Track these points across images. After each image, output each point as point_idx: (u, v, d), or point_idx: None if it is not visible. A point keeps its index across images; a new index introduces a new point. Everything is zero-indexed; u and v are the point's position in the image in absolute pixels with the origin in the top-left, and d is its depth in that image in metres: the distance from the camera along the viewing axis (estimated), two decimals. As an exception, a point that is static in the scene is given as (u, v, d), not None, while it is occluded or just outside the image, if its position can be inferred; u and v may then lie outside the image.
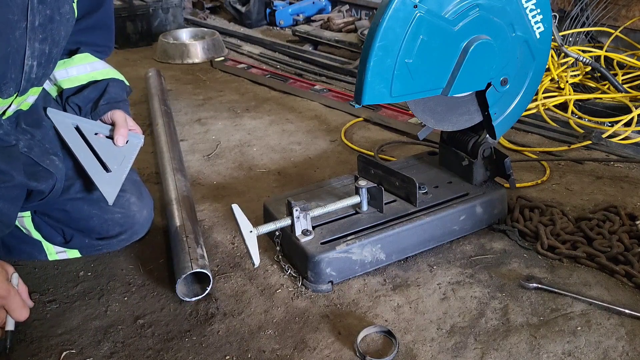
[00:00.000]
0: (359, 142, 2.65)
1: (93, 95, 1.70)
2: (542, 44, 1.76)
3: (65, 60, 1.68)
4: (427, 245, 1.80)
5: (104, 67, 1.76)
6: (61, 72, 1.68)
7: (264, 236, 1.72)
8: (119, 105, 1.72)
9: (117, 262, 1.81)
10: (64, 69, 1.68)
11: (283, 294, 1.65)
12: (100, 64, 1.76)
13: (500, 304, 1.58)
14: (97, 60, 1.75)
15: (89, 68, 1.72)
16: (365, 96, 1.56)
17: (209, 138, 2.77)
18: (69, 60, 1.69)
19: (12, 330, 1.38)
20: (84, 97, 1.69)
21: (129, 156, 1.66)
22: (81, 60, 1.71)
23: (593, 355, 1.40)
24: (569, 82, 3.04)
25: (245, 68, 3.72)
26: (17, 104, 1.49)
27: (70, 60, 1.69)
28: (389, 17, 1.48)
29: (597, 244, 1.76)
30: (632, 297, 1.58)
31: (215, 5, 5.71)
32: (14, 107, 1.48)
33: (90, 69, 1.73)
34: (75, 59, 1.70)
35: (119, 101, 1.72)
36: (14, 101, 1.45)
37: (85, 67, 1.72)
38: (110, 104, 1.70)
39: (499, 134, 1.86)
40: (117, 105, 1.71)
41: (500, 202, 1.91)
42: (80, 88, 1.70)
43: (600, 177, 2.25)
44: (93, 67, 1.74)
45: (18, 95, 1.45)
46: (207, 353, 1.45)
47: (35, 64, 1.42)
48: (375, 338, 1.49)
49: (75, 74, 1.69)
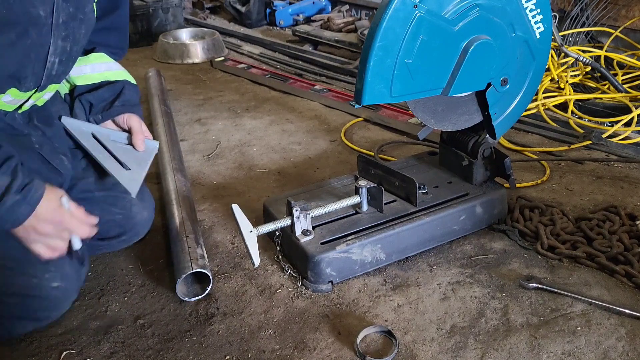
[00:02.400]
0: (359, 142, 2.65)
1: (108, 95, 1.70)
2: (542, 44, 1.76)
3: (81, 58, 1.67)
4: (427, 245, 1.80)
5: (118, 68, 1.77)
6: (75, 69, 1.67)
7: (264, 236, 1.72)
8: (134, 109, 1.71)
9: (117, 262, 1.81)
10: (79, 66, 1.68)
11: (283, 294, 1.65)
12: (115, 65, 1.76)
13: (500, 304, 1.58)
14: (112, 60, 1.76)
15: (103, 67, 1.73)
16: (365, 96, 1.56)
17: (209, 138, 2.77)
18: (85, 58, 1.69)
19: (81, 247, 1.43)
20: (98, 95, 1.69)
21: (146, 159, 1.67)
22: (97, 59, 1.72)
23: (593, 355, 1.40)
24: (569, 82, 3.04)
25: (245, 68, 3.72)
26: (34, 100, 1.50)
27: (86, 58, 1.70)
28: (389, 17, 1.48)
29: (597, 244, 1.76)
30: (632, 297, 1.58)
31: (215, 5, 5.70)
32: (31, 102, 1.50)
33: (104, 68, 1.73)
34: (91, 57, 1.70)
35: (133, 105, 1.72)
36: (32, 96, 1.47)
37: (100, 66, 1.72)
38: (126, 106, 1.69)
39: (499, 134, 1.86)
40: (132, 109, 1.70)
41: (500, 202, 1.91)
42: (94, 87, 1.70)
43: (600, 177, 2.25)
44: (108, 67, 1.74)
45: (37, 91, 1.46)
46: (207, 353, 1.45)
47: (57, 60, 1.44)
48: (375, 338, 1.49)
49: (89, 72, 1.70)
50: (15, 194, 1.26)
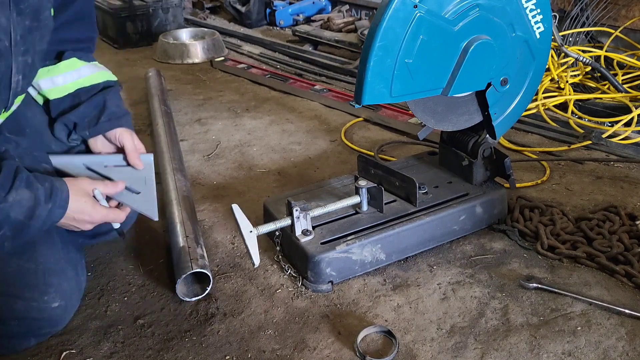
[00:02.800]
0: (359, 142, 2.65)
1: (90, 112, 1.61)
2: (542, 44, 1.76)
3: (50, 67, 1.59)
4: (427, 245, 1.80)
5: (91, 71, 1.66)
6: (46, 81, 1.59)
7: (264, 236, 1.72)
8: (121, 121, 1.62)
9: (117, 262, 1.81)
10: (49, 77, 1.59)
11: (283, 294, 1.65)
12: (87, 69, 1.65)
13: (500, 304, 1.58)
14: (84, 64, 1.65)
15: (75, 75, 1.63)
16: (365, 96, 1.56)
17: (209, 138, 2.77)
18: (55, 67, 1.60)
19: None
20: (80, 113, 1.60)
21: (149, 175, 1.62)
22: (67, 68, 1.62)
23: (593, 355, 1.40)
24: (569, 82, 3.04)
25: (245, 68, 3.72)
26: (3, 118, 1.45)
27: (55, 67, 1.60)
28: (389, 17, 1.48)
29: (597, 244, 1.75)
30: (632, 297, 1.58)
31: (215, 5, 5.70)
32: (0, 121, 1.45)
33: (76, 76, 1.63)
34: (61, 66, 1.61)
35: (120, 117, 1.63)
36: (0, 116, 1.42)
37: (72, 75, 1.62)
38: (112, 120, 1.60)
39: (499, 134, 1.86)
40: (119, 122, 1.61)
41: (500, 202, 1.91)
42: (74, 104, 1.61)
43: (600, 177, 2.25)
44: (79, 73, 1.64)
45: (5, 111, 1.42)
46: (207, 353, 1.45)
47: (21, 77, 1.38)
48: (375, 338, 1.49)
49: (62, 83, 1.60)
50: (46, 204, 1.30)
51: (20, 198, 1.26)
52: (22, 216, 1.27)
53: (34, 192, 1.28)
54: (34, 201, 1.27)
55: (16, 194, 1.26)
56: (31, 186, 1.29)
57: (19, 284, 1.38)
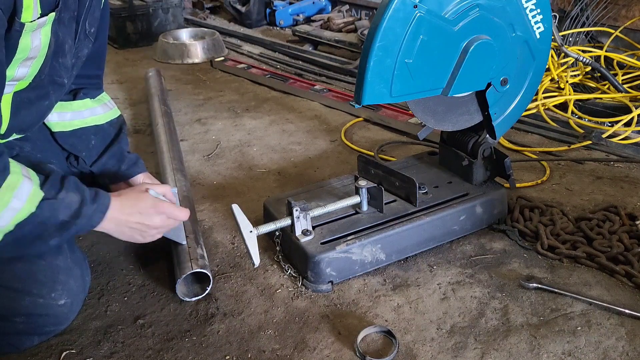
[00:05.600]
0: (359, 142, 2.65)
1: (112, 165, 1.76)
2: (542, 44, 1.76)
3: (63, 103, 1.68)
4: (427, 245, 1.80)
5: (99, 112, 1.77)
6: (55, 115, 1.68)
7: (264, 236, 1.72)
8: (138, 166, 1.78)
9: (117, 262, 1.81)
10: (59, 112, 1.68)
11: (283, 294, 1.65)
12: (100, 109, 1.77)
13: (500, 304, 1.58)
14: (95, 106, 1.76)
15: (86, 114, 1.74)
16: (365, 96, 1.56)
17: (209, 138, 2.77)
18: (68, 104, 1.70)
19: None
20: (102, 164, 1.75)
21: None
22: (80, 107, 1.73)
23: (593, 355, 1.40)
24: (569, 82, 3.04)
25: (245, 68, 3.72)
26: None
27: (69, 104, 1.70)
28: (389, 17, 1.48)
29: (597, 244, 1.76)
30: (632, 297, 1.58)
31: (215, 5, 5.70)
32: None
33: (88, 114, 1.75)
34: (74, 104, 1.71)
35: (135, 162, 1.78)
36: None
37: (81, 114, 1.73)
38: (131, 168, 1.77)
39: (499, 134, 1.86)
40: (138, 168, 1.78)
41: (500, 202, 1.91)
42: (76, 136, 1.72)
43: (600, 177, 2.25)
44: (92, 112, 1.76)
45: None
46: (207, 353, 1.45)
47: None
48: (375, 338, 1.49)
49: (69, 119, 1.71)
50: (92, 204, 1.36)
51: (69, 200, 1.33)
52: (67, 216, 1.32)
53: (81, 193, 1.35)
54: (80, 203, 1.34)
55: (65, 194, 1.32)
56: (79, 188, 1.36)
57: (28, 280, 1.39)
